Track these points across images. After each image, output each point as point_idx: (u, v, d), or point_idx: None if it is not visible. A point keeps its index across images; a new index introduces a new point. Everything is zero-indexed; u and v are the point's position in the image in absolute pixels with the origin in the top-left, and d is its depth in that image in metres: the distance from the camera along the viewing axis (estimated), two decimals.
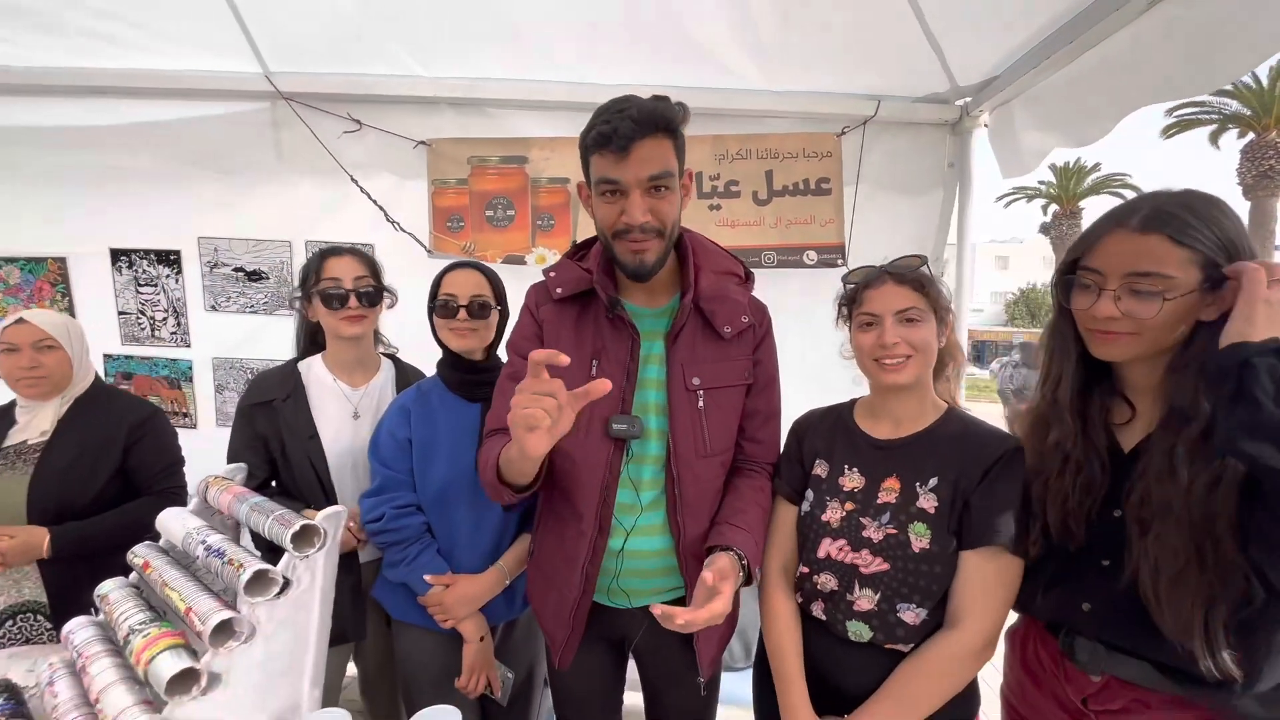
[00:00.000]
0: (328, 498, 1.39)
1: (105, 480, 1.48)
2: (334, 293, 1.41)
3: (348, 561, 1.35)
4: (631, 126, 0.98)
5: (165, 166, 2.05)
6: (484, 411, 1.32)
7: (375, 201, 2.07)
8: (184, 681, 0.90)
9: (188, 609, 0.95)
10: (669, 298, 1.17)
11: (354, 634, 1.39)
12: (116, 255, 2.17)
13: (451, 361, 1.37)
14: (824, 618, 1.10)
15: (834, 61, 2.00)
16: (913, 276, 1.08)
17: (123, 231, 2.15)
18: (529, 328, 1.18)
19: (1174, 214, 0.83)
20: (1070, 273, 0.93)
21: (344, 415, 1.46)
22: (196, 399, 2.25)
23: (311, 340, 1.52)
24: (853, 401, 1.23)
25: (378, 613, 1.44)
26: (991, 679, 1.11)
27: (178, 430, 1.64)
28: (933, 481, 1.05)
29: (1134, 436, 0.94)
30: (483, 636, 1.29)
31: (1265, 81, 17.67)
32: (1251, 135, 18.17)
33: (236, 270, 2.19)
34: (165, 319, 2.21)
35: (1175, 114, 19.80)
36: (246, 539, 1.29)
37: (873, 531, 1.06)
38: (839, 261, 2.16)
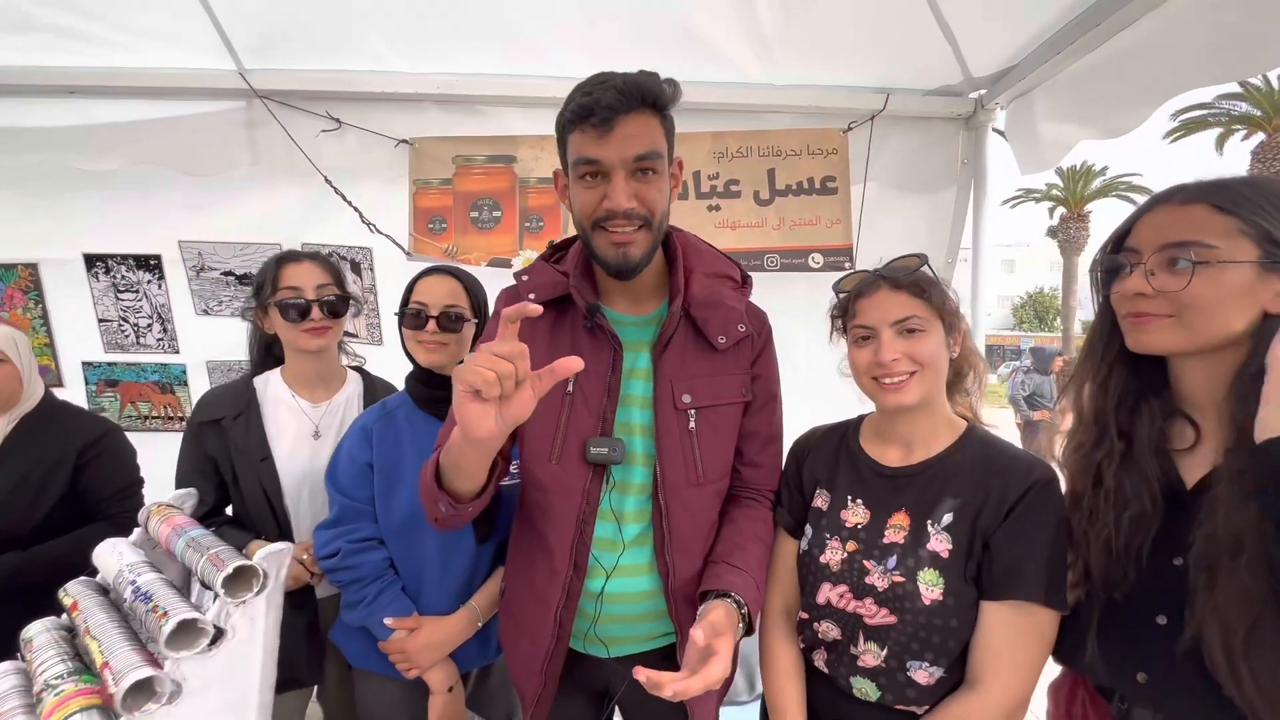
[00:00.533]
0: (280, 527, 1.27)
1: (52, 505, 1.37)
2: (294, 303, 1.29)
3: (302, 597, 1.23)
4: (615, 98, 0.87)
5: (137, 168, 1.94)
6: None
7: (350, 202, 1.96)
8: None
9: (104, 663, 0.83)
10: (656, 304, 1.05)
11: (309, 678, 1.26)
12: (91, 261, 2.07)
13: (421, 376, 1.25)
14: (826, 670, 0.97)
15: (839, 53, 1.89)
16: (910, 280, 0.94)
17: (96, 236, 2.05)
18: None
19: (1225, 185, 0.74)
20: (1116, 252, 0.82)
21: (303, 434, 1.33)
22: (192, 402, 2.14)
23: (267, 352, 1.40)
24: (860, 419, 1.09)
25: (340, 652, 1.31)
26: None
27: (171, 434, 1.52)
28: (947, 518, 0.91)
29: (1199, 468, 0.80)
30: (452, 686, 1.16)
31: (1275, 82, 17.46)
32: (1261, 136, 17.95)
33: (226, 274, 2.10)
34: (150, 325, 2.12)
35: (1180, 117, 19.59)
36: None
37: (877, 578, 0.92)
38: (846, 264, 2.03)
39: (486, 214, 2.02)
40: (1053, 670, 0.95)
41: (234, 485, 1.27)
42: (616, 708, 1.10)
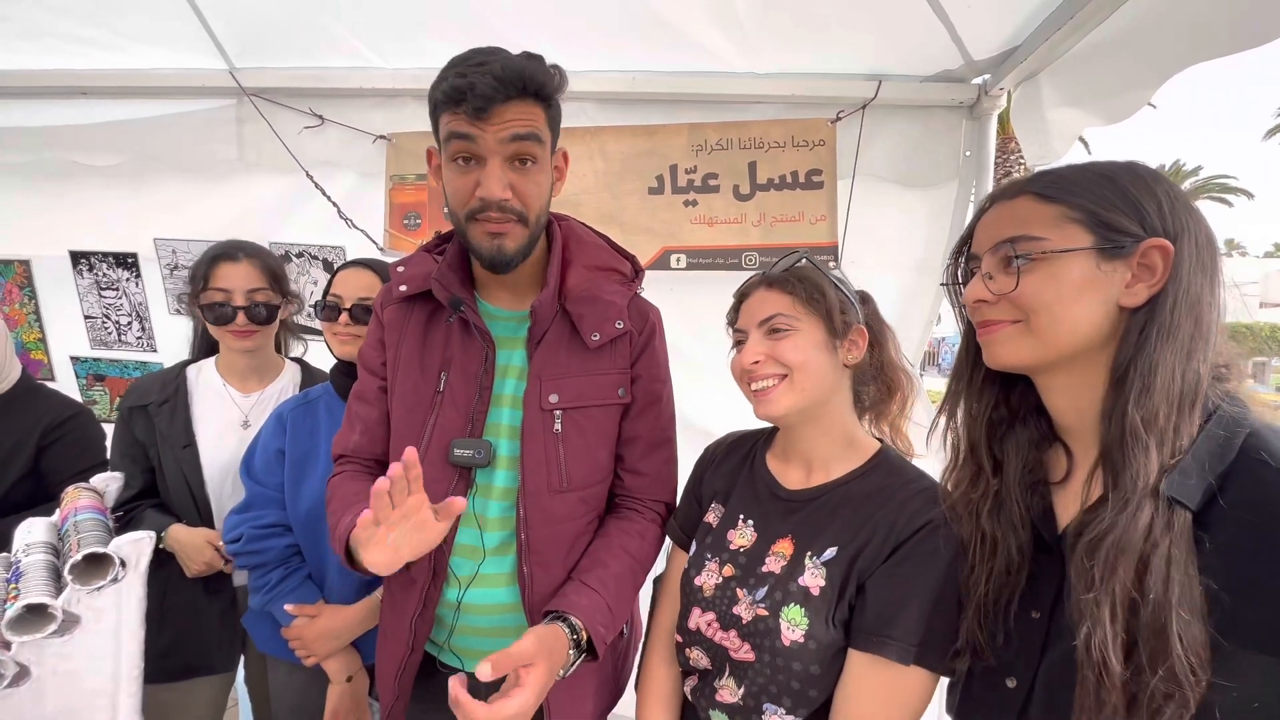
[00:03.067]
0: (201, 514, 1.28)
1: (11, 484, 1.43)
2: (219, 308, 1.29)
3: (217, 583, 1.23)
4: (492, 85, 0.81)
5: (125, 167, 2.04)
6: None
7: (329, 198, 1.99)
8: None
9: None
10: (534, 295, 0.99)
11: (222, 664, 1.27)
12: (76, 258, 2.17)
13: (344, 368, 1.24)
14: (690, 698, 0.90)
15: (825, 37, 1.76)
16: (782, 278, 0.87)
17: (81, 234, 2.14)
18: (374, 334, 1.04)
19: (1049, 171, 0.68)
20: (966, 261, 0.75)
21: (230, 423, 1.34)
22: None
23: (209, 339, 1.42)
24: (772, 432, 0.99)
25: None
26: None
27: None
28: (829, 552, 0.81)
29: (1069, 505, 0.68)
30: (351, 676, 1.14)
31: None
32: None
33: None
34: (130, 323, 2.20)
35: None
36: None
37: (744, 609, 0.84)
38: (831, 264, 1.90)
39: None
40: None
41: (159, 471, 1.29)
42: None
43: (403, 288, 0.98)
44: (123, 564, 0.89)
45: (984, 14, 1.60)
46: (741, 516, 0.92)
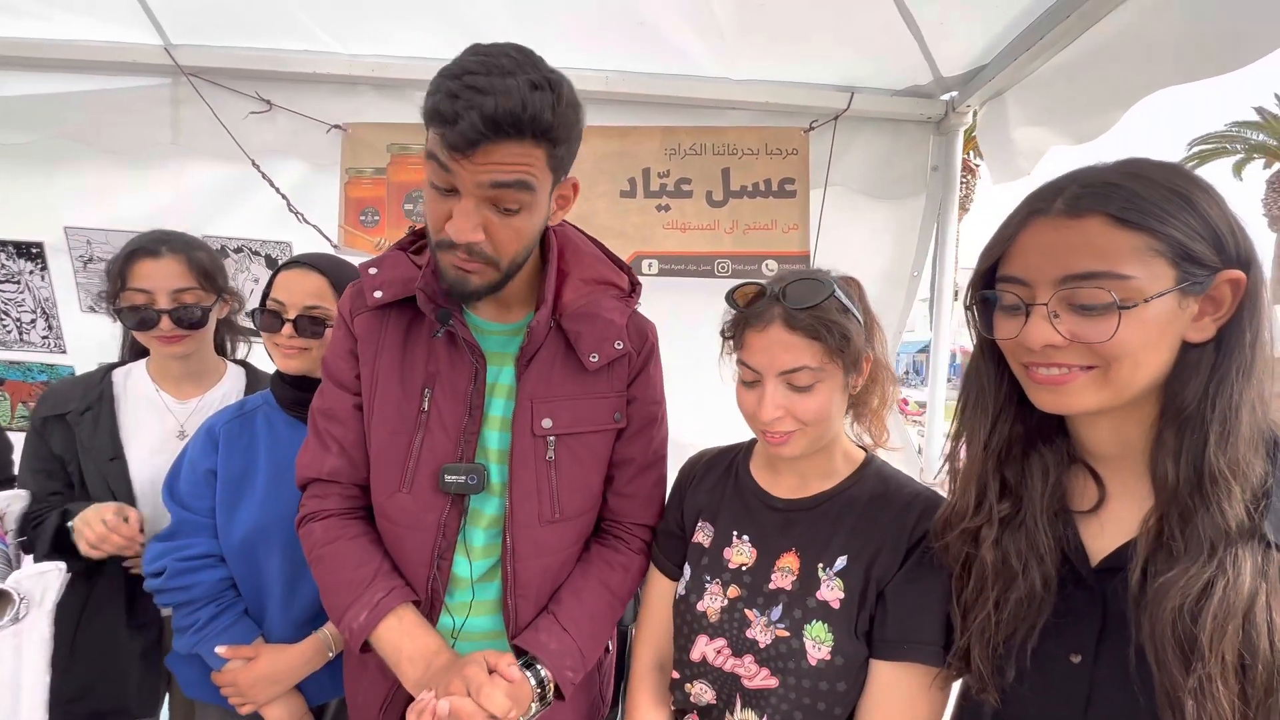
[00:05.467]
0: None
1: None
2: (140, 311, 1.14)
3: (141, 617, 1.09)
4: (477, 128, 0.69)
5: (36, 147, 1.83)
6: None
7: (278, 189, 1.85)
8: None
9: None
10: (526, 310, 0.92)
11: (141, 708, 1.13)
12: None
13: (287, 376, 1.12)
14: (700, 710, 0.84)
15: (801, 46, 1.76)
16: (808, 321, 0.76)
17: None
18: (343, 344, 0.91)
19: (1115, 184, 0.57)
20: (988, 287, 0.65)
21: (165, 434, 1.20)
22: None
23: (137, 341, 1.27)
24: (753, 442, 0.95)
25: None
26: None
27: None
28: (840, 562, 0.78)
29: (1105, 538, 0.64)
30: None
31: None
32: (1278, 166, 17.72)
33: None
34: (34, 321, 1.96)
35: (1195, 147, 19.39)
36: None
37: (759, 631, 0.79)
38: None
39: (421, 207, 1.90)
40: None
41: (80, 487, 1.14)
42: None
43: (378, 294, 0.86)
44: (24, 601, 0.76)
45: (955, 32, 1.63)
46: (735, 532, 0.87)
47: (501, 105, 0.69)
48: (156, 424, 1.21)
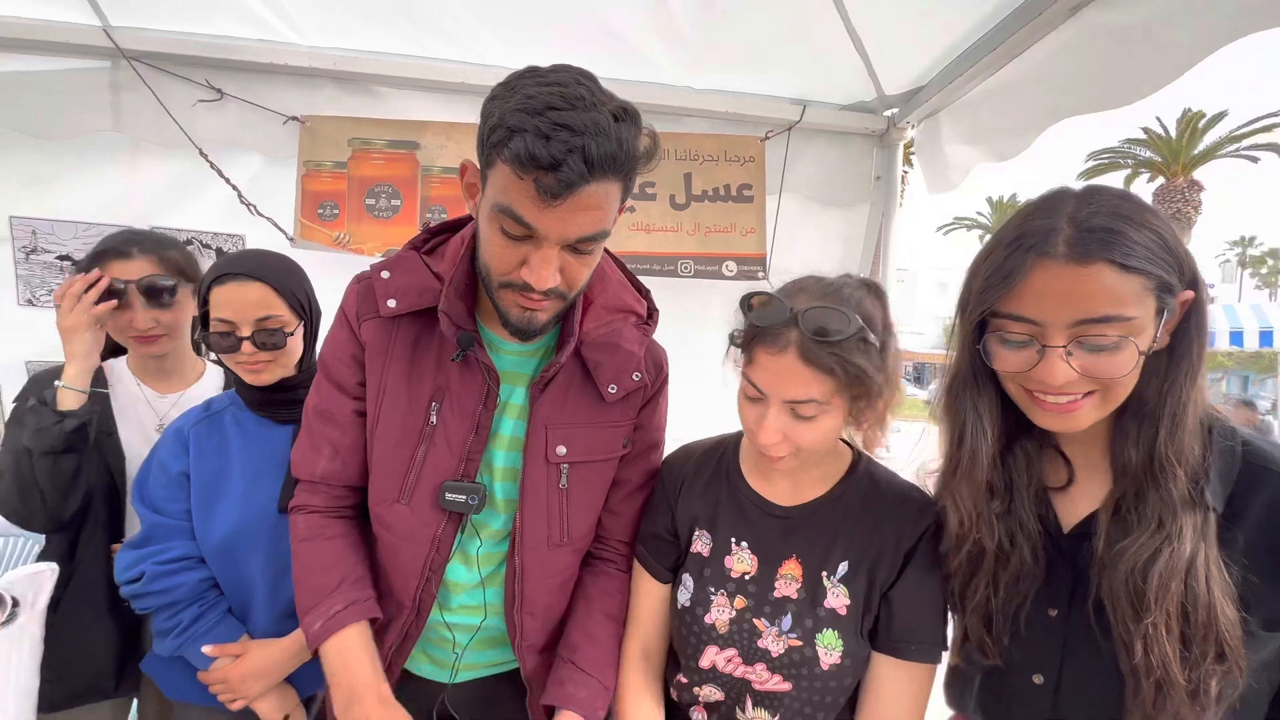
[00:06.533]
0: (113, 515, 1.14)
1: None
2: (118, 314, 1.13)
3: (115, 597, 1.07)
4: (580, 172, 0.66)
5: None
6: (296, 435, 1.07)
7: (227, 179, 1.78)
8: None
9: None
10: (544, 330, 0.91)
11: (117, 687, 1.11)
12: None
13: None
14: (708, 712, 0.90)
15: (757, 61, 1.87)
16: (825, 357, 0.73)
17: None
18: (346, 347, 0.89)
19: (1112, 229, 0.63)
20: (983, 323, 0.71)
21: (147, 426, 1.19)
22: (5, 413, 1.86)
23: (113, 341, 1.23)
24: (738, 438, 0.96)
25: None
26: None
27: None
28: (842, 568, 0.83)
29: (1076, 508, 0.75)
30: (289, 715, 1.03)
31: (1174, 131, 19.23)
32: (1162, 180, 19.71)
33: (62, 259, 1.83)
34: None
35: (1092, 159, 21.30)
36: None
37: (770, 641, 0.83)
38: (760, 275, 2.01)
39: (384, 202, 1.89)
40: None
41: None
42: None
43: (391, 303, 0.83)
44: (15, 603, 0.75)
45: (896, 54, 1.79)
46: (734, 540, 0.88)
47: (602, 147, 0.66)
48: (138, 416, 1.20)
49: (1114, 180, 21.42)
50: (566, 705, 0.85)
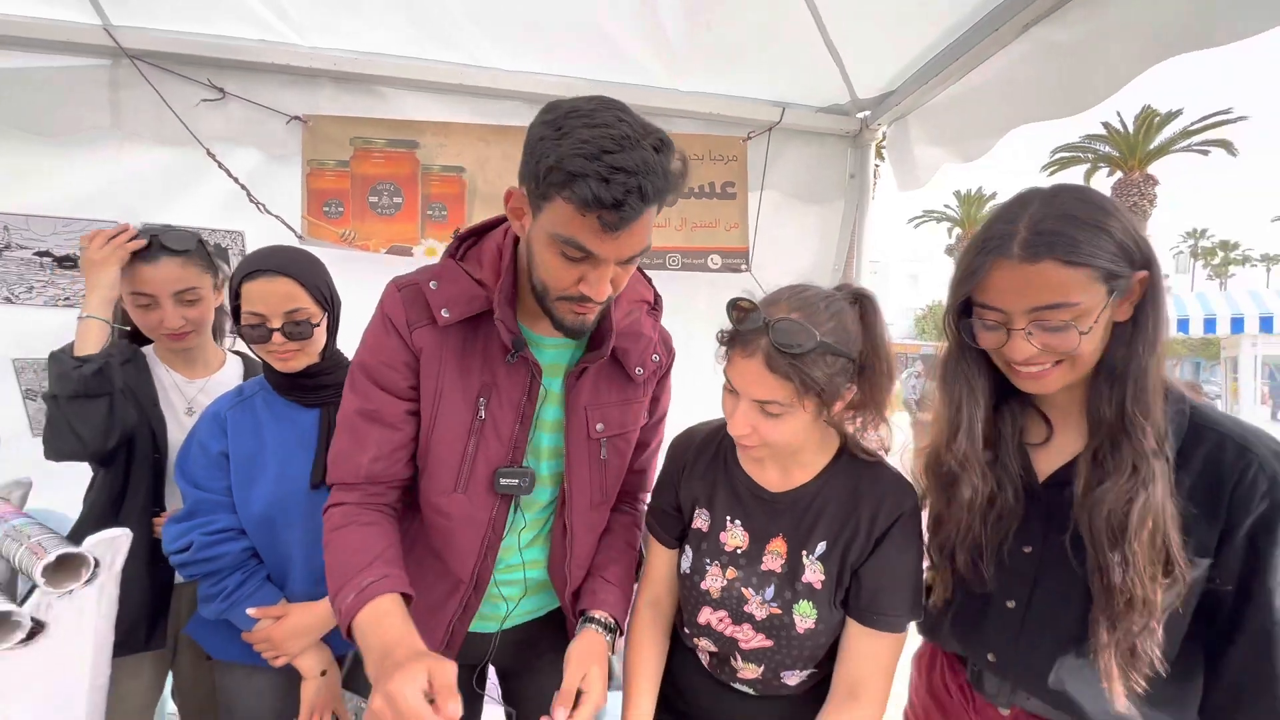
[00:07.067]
0: (156, 481, 1.23)
1: None
2: (148, 312, 1.22)
3: (153, 552, 1.17)
4: (639, 204, 0.74)
5: None
6: (323, 418, 1.16)
7: (235, 178, 1.84)
8: None
9: None
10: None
11: (148, 641, 1.20)
12: None
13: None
14: (709, 669, 1.04)
15: (740, 66, 1.99)
16: (786, 366, 0.82)
17: None
18: (398, 354, 0.93)
19: (1059, 232, 0.75)
20: (966, 312, 0.84)
21: (177, 409, 1.28)
22: None
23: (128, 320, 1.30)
24: None
25: (198, 648, 1.23)
26: None
27: None
28: (820, 548, 0.94)
29: (1051, 461, 0.88)
30: (324, 670, 1.13)
31: (1131, 127, 19.97)
32: (1119, 174, 20.46)
33: (40, 254, 1.83)
34: None
35: (1056, 154, 21.99)
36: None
37: (755, 607, 0.96)
38: (742, 267, 2.14)
39: (386, 200, 1.96)
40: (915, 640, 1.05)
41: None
42: (497, 673, 1.16)
43: (445, 313, 0.90)
44: (96, 564, 0.83)
45: (868, 61, 1.92)
46: (729, 518, 0.99)
47: (654, 184, 0.74)
48: (168, 399, 1.28)
49: (1074, 174, 22.19)
50: (599, 607, 1.01)
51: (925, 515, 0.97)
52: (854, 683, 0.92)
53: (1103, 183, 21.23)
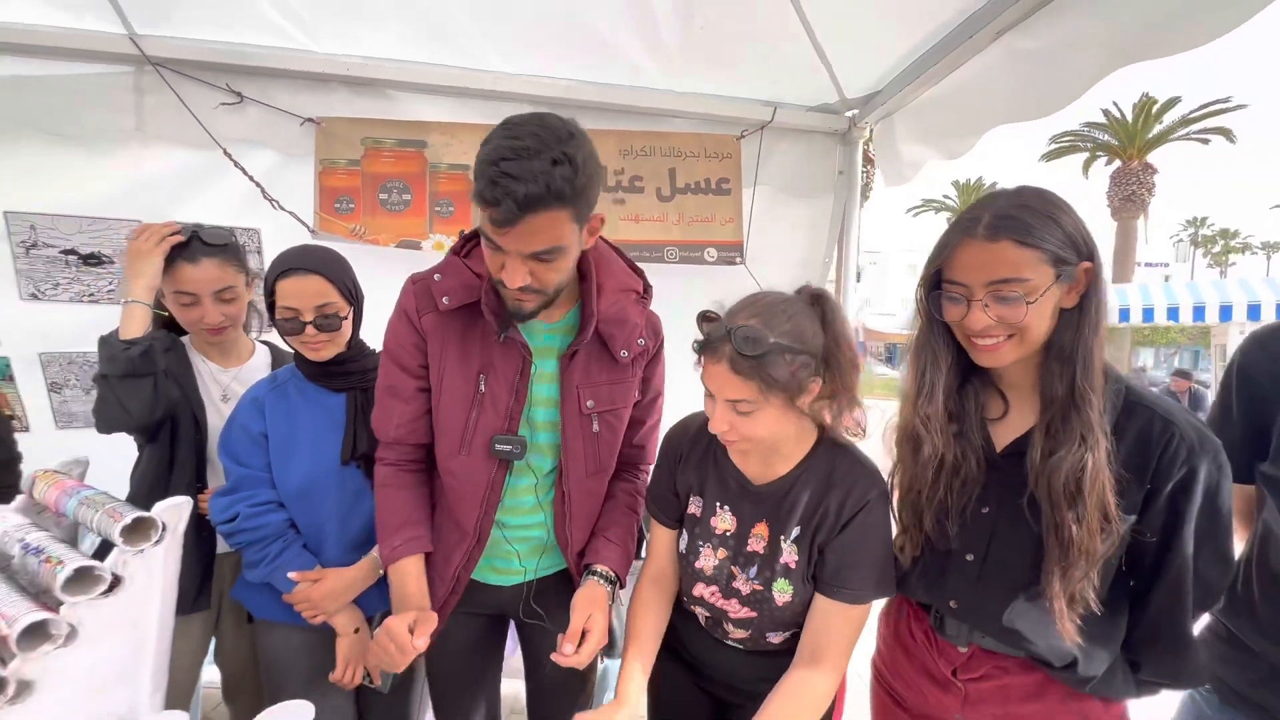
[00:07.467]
0: (199, 459, 1.34)
1: None
2: (189, 310, 1.33)
3: (205, 526, 1.29)
4: (513, 210, 0.87)
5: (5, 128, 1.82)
6: (350, 401, 1.28)
7: (251, 177, 1.94)
8: None
9: None
10: (565, 310, 1.14)
11: (191, 604, 1.32)
12: None
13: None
14: (706, 628, 1.17)
15: (733, 68, 2.08)
16: (747, 367, 0.91)
17: None
18: (409, 337, 1.10)
19: (1014, 217, 0.86)
20: (937, 286, 0.95)
21: (213, 395, 1.39)
22: (24, 399, 1.97)
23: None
24: None
25: (240, 611, 1.37)
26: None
27: None
28: (795, 532, 1.05)
29: (1007, 434, 0.98)
30: (357, 628, 1.26)
31: (1129, 115, 19.94)
32: (1118, 163, 20.45)
33: (66, 253, 1.93)
34: None
35: (1054, 142, 21.93)
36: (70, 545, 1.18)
37: (741, 584, 1.08)
38: (737, 259, 2.24)
39: (396, 197, 2.06)
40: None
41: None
42: (515, 626, 1.31)
43: (445, 300, 1.06)
44: (164, 527, 0.95)
45: (855, 63, 2.02)
46: (719, 504, 1.10)
47: (531, 190, 0.85)
48: (205, 386, 1.40)
49: (1072, 163, 22.17)
50: (601, 562, 1.15)
51: (897, 485, 1.07)
52: (816, 648, 1.02)
53: (1101, 172, 21.23)
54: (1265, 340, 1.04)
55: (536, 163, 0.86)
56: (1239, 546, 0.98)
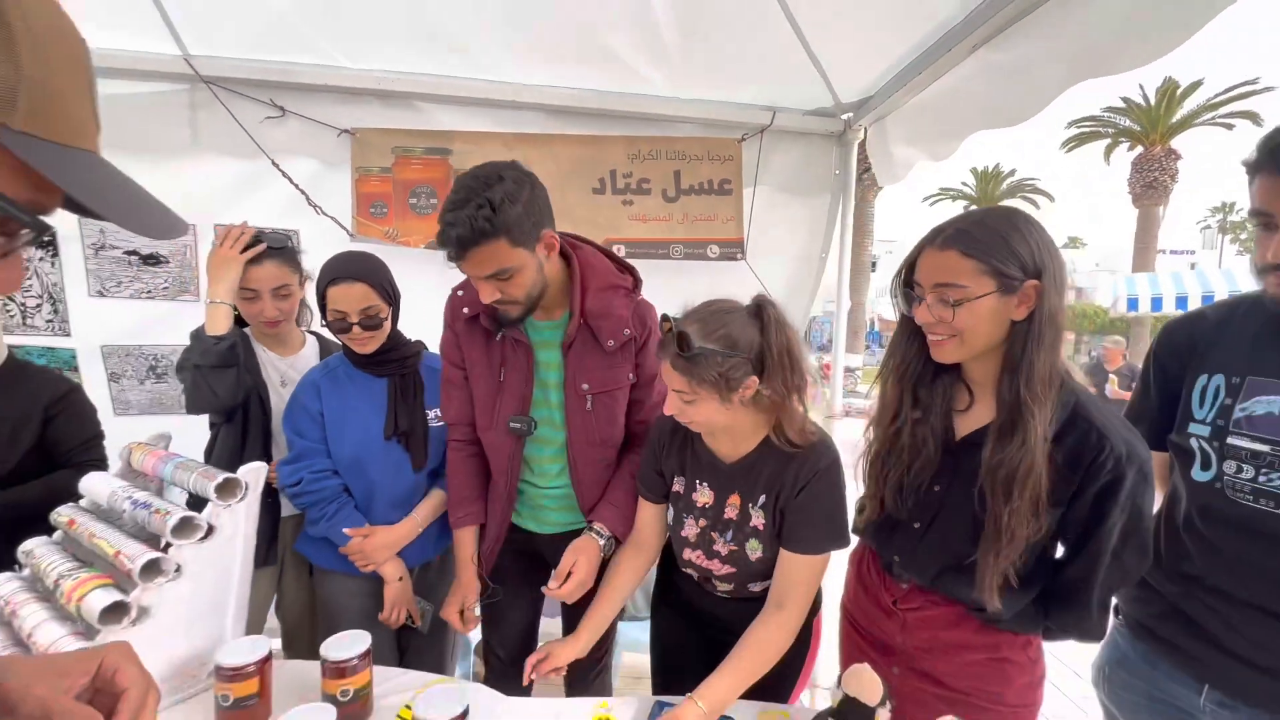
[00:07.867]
0: (266, 439, 1.55)
1: (24, 454, 1.52)
2: (252, 304, 1.54)
3: (273, 494, 1.51)
4: (455, 250, 1.13)
5: None
6: (390, 386, 1.48)
7: (297, 185, 2.13)
8: (115, 614, 1.02)
9: (117, 552, 1.06)
10: (563, 310, 1.35)
11: (262, 559, 1.51)
12: None
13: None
14: (697, 581, 1.35)
15: (733, 75, 2.23)
16: (682, 365, 1.07)
17: None
18: (450, 340, 1.39)
19: (966, 231, 0.97)
20: (909, 285, 1.07)
21: (273, 380, 1.60)
22: (86, 388, 2.19)
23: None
24: None
25: (299, 568, 1.57)
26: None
27: None
28: (761, 499, 1.19)
29: (968, 425, 1.11)
30: (401, 576, 1.47)
31: (1152, 100, 19.51)
32: (1140, 149, 20.03)
33: (129, 254, 2.15)
34: (39, 305, 2.12)
35: (1075, 127, 21.49)
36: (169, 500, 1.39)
37: (720, 546, 1.25)
38: (738, 256, 2.40)
39: (424, 200, 2.25)
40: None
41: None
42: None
43: (466, 310, 1.32)
44: (246, 487, 1.14)
45: (849, 69, 2.15)
46: (698, 481, 1.26)
47: (461, 233, 1.10)
48: (264, 372, 1.60)
49: (1094, 149, 21.75)
50: (599, 520, 1.37)
51: (866, 462, 1.21)
52: (780, 595, 1.17)
53: (1123, 158, 20.74)
54: (1174, 329, 1.18)
55: (464, 211, 1.10)
56: (1158, 503, 1.13)
